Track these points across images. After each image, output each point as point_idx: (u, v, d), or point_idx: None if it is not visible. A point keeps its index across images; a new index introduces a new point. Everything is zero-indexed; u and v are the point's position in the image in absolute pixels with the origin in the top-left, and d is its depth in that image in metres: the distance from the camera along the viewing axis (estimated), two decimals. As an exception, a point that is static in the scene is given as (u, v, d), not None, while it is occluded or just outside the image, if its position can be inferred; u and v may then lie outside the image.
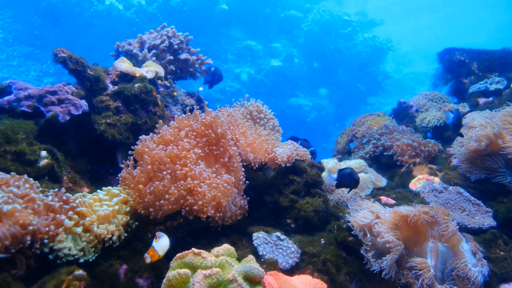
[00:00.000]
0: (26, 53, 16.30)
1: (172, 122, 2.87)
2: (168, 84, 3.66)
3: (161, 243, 2.04)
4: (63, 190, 2.18)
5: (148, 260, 1.97)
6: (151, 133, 2.73)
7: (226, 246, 2.08)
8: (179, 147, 2.51)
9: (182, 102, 3.82)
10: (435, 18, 32.08)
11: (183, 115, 2.87)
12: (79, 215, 2.12)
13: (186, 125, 2.74)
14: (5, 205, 1.78)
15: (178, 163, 2.42)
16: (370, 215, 2.47)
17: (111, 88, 3.18)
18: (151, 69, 3.46)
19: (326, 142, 18.78)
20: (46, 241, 1.91)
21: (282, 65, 18.93)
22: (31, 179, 2.09)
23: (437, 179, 3.57)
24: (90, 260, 2.03)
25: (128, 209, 2.35)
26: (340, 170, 2.91)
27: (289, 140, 3.34)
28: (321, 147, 18.88)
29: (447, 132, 4.62)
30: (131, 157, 2.61)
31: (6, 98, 2.73)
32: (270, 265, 2.26)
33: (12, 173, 2.04)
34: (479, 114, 3.39)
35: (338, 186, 2.97)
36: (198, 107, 3.90)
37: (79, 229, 2.03)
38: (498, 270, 2.47)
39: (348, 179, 2.84)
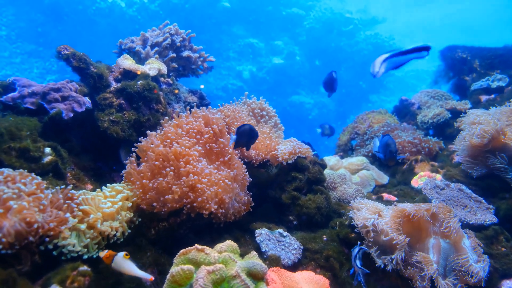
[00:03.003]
0: (29, 50, 16.33)
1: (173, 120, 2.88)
2: (171, 82, 3.67)
3: (123, 263, 1.84)
4: (70, 187, 2.20)
5: (101, 255, 1.88)
6: (158, 130, 2.75)
7: (229, 243, 2.09)
8: (181, 147, 2.52)
9: (185, 99, 3.83)
10: (437, 15, 31.98)
11: (184, 113, 2.89)
12: (83, 212, 2.13)
13: (185, 122, 2.75)
14: (12, 201, 1.79)
15: (181, 160, 2.43)
16: (373, 212, 2.48)
17: (114, 85, 3.19)
18: (153, 66, 3.47)
19: (328, 140, 18.78)
20: (48, 239, 1.92)
21: (284, 62, 18.92)
22: (38, 177, 2.11)
23: (439, 176, 3.57)
24: (94, 256, 2.05)
25: (130, 204, 2.36)
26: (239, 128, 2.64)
27: (292, 138, 3.35)
28: (322, 144, 18.88)
29: (448, 129, 4.62)
30: (134, 153, 2.63)
31: (10, 95, 2.75)
32: (273, 261, 2.27)
33: (21, 170, 2.06)
34: (481, 111, 3.40)
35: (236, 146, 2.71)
36: (199, 104, 3.92)
37: (83, 226, 2.04)
38: (500, 266, 2.47)
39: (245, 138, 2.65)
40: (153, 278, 1.87)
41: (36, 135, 2.58)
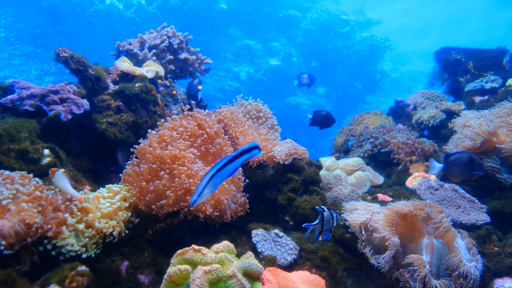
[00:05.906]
0: (27, 52, 16.28)
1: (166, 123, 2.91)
2: (168, 84, 3.70)
3: (60, 179, 2.11)
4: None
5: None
6: (154, 132, 2.78)
7: (225, 243, 2.12)
8: (176, 150, 2.54)
9: (182, 101, 3.86)
10: (432, 17, 32.10)
11: (177, 115, 2.91)
12: (83, 211, 2.16)
13: (180, 125, 2.78)
14: (4, 200, 1.82)
15: (177, 163, 2.46)
16: (366, 212, 2.51)
17: (112, 87, 3.22)
18: (151, 68, 3.49)
19: (324, 141, 18.84)
20: (46, 241, 1.95)
21: (280, 64, 18.93)
22: (38, 179, 2.13)
23: (433, 177, 3.61)
24: (92, 256, 2.07)
25: (127, 204, 2.38)
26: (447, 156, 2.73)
27: (287, 139, 3.37)
28: (319, 145, 18.96)
29: (443, 130, 4.66)
30: (133, 155, 2.65)
31: (9, 97, 2.77)
32: (269, 261, 2.30)
33: (22, 173, 2.08)
34: (474, 114, 3.44)
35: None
36: (197, 106, 3.94)
37: (81, 226, 2.07)
38: (492, 265, 2.51)
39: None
40: (82, 198, 2.12)
41: (35, 136, 2.60)
